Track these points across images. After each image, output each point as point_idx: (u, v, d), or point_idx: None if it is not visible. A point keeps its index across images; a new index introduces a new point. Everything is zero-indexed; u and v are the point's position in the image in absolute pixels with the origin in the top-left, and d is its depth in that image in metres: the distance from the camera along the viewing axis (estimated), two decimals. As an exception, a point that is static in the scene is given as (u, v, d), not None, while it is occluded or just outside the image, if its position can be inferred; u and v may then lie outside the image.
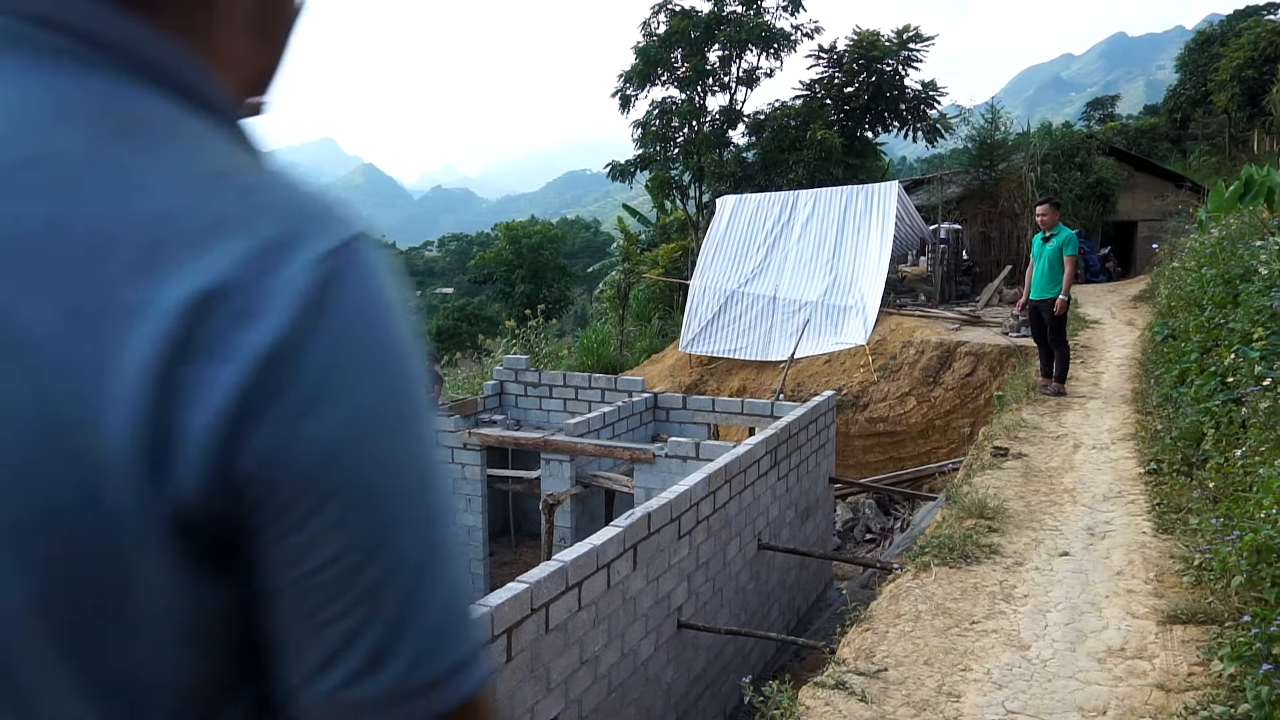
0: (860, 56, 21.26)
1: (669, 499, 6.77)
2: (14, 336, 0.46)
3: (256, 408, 0.47)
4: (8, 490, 0.46)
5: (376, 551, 0.51)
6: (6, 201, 0.48)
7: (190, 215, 0.49)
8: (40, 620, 0.47)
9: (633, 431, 11.42)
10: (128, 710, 0.50)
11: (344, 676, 0.50)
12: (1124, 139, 30.39)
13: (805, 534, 10.20)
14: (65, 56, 0.52)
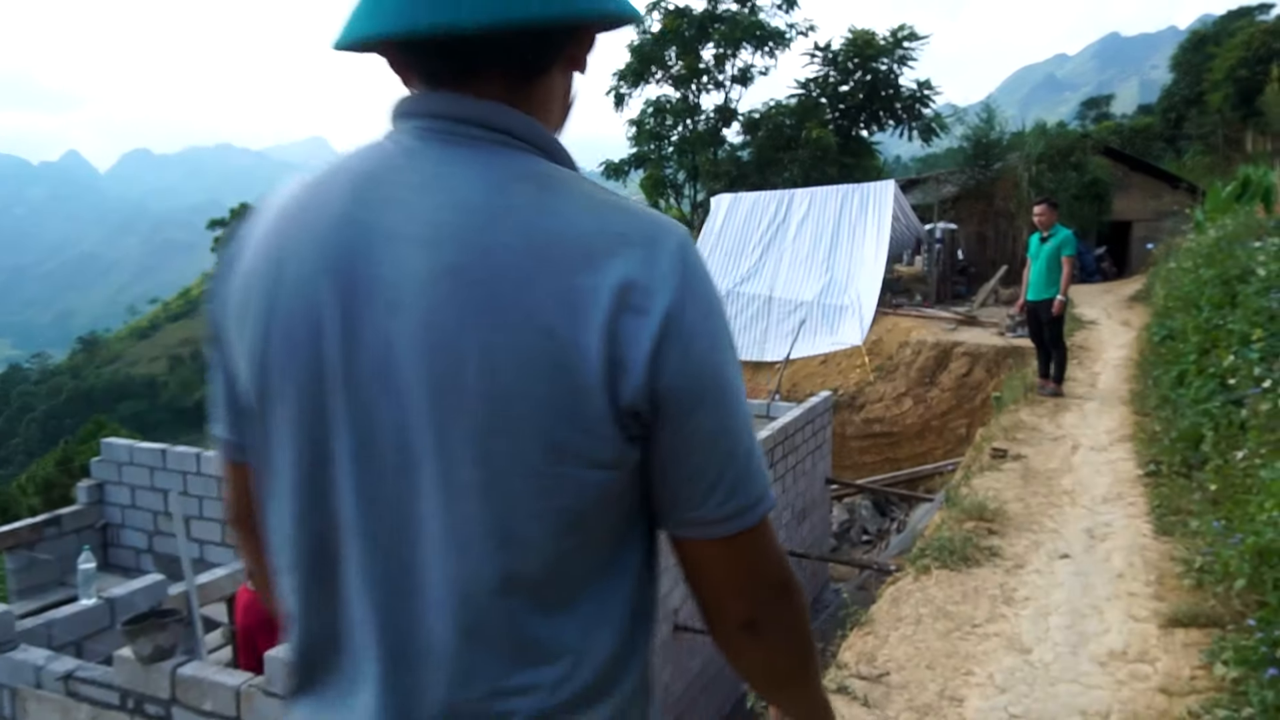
0: (855, 55, 21.28)
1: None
2: (536, 305, 0.80)
3: (663, 346, 0.81)
4: (540, 402, 0.81)
5: (726, 427, 0.87)
6: (500, 234, 0.82)
7: (599, 233, 0.83)
8: (544, 464, 0.82)
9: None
10: (582, 522, 0.86)
11: (716, 505, 0.88)
12: (1119, 139, 30.47)
13: (802, 535, 10.19)
14: (499, 144, 0.88)
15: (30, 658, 4.50)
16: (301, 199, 0.92)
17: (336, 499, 0.90)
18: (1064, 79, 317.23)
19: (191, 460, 7.35)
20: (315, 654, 0.96)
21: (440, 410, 0.84)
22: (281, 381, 0.90)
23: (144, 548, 7.68)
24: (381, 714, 0.90)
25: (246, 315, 0.92)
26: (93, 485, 7.80)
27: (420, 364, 0.85)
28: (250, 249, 0.93)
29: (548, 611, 0.89)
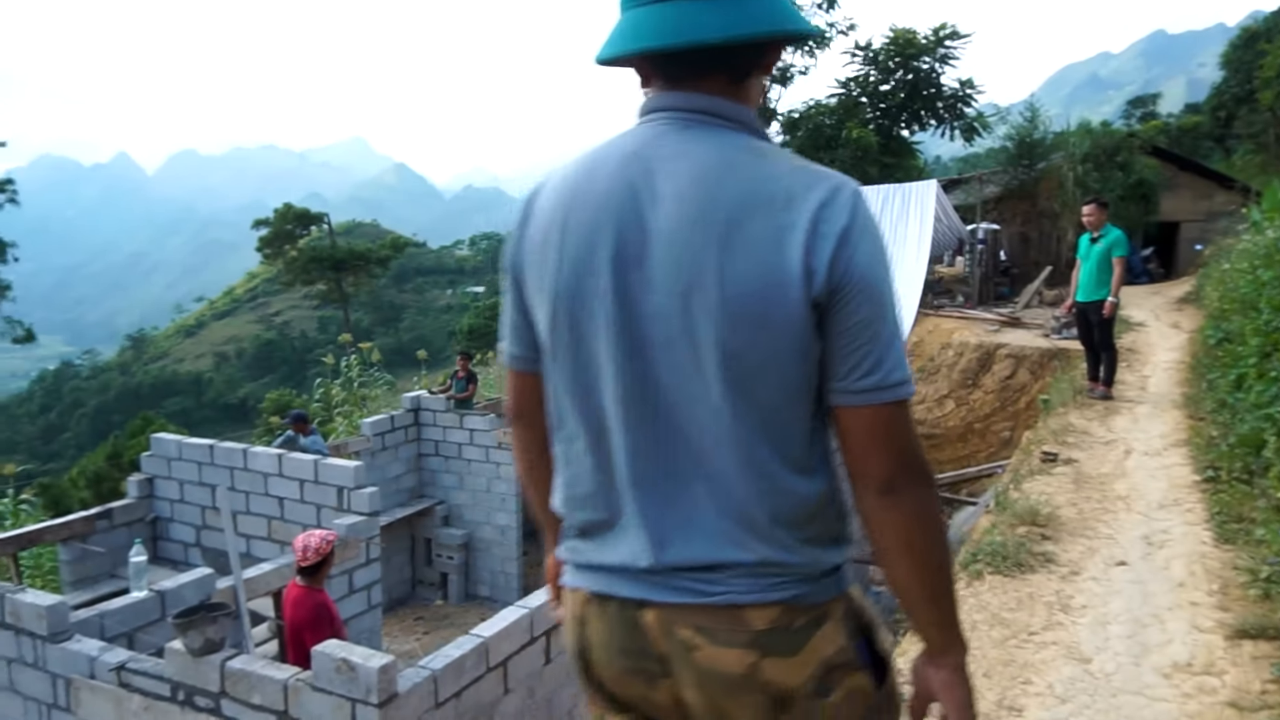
0: (897, 54, 21.04)
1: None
2: (758, 232, 1.17)
3: (838, 254, 1.16)
4: (760, 301, 1.17)
5: (879, 315, 1.19)
6: (728, 187, 1.20)
7: (796, 183, 1.19)
8: (768, 352, 1.18)
9: (667, 432, 11.38)
10: (793, 393, 1.22)
11: (863, 376, 1.19)
12: (1166, 138, 29.84)
13: (841, 537, 10.10)
14: (722, 126, 1.25)
15: (84, 648, 4.57)
16: (582, 170, 1.33)
17: (613, 388, 1.27)
18: (1108, 78, 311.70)
19: (239, 456, 7.45)
20: (589, 501, 1.34)
21: (691, 312, 1.21)
22: (568, 302, 1.29)
23: (192, 541, 7.80)
24: (646, 552, 1.27)
25: (546, 256, 1.32)
26: (143, 479, 7.94)
27: (675, 280, 1.22)
28: (541, 210, 1.35)
29: (779, 457, 1.24)
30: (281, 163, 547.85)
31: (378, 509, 6.96)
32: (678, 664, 1.28)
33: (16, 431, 77.99)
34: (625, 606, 1.31)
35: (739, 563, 1.24)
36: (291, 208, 48.38)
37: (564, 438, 1.36)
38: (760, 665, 1.24)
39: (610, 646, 1.33)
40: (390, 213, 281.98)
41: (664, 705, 1.33)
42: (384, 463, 10.48)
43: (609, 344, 1.27)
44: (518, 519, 10.59)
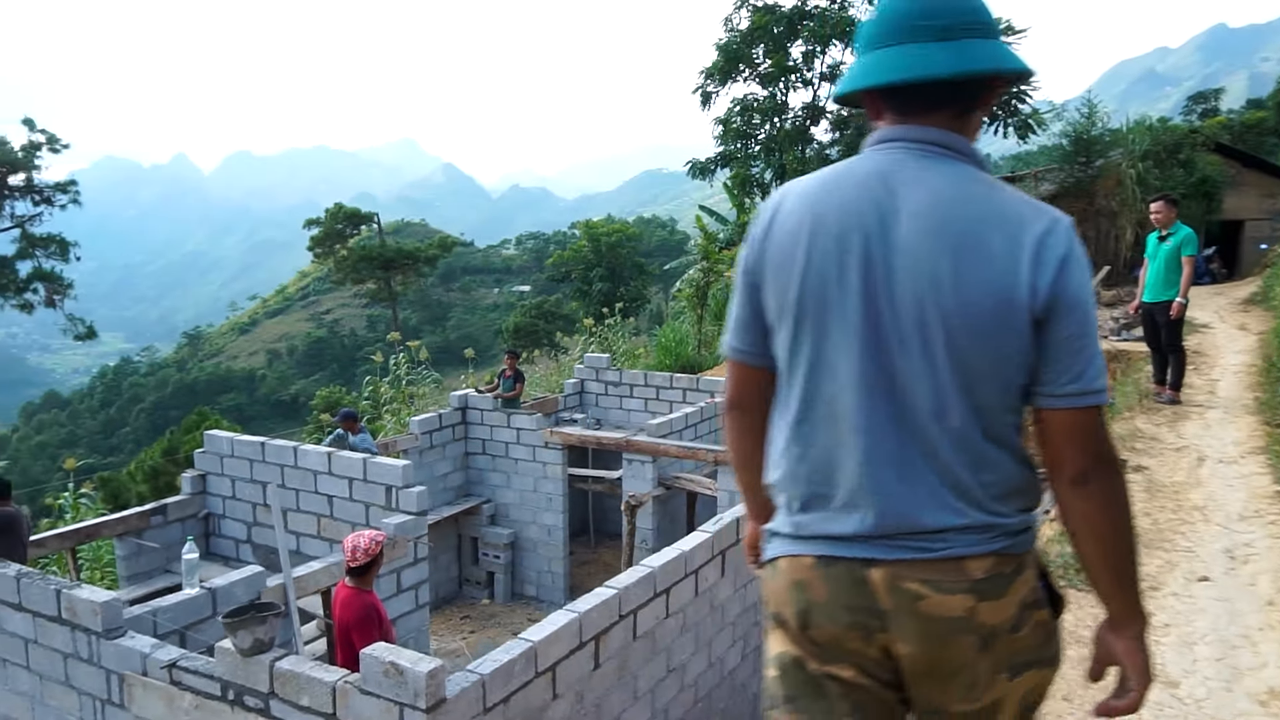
0: (949, 50, 20.66)
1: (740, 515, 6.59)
2: (990, 252, 1.42)
3: (1059, 277, 1.42)
4: (990, 308, 1.42)
5: (1086, 331, 1.44)
6: (963, 210, 1.46)
7: (1023, 212, 1.45)
8: (990, 356, 1.44)
9: (715, 433, 11.23)
10: (1008, 388, 1.47)
11: (1069, 382, 1.44)
12: (1229, 134, 28.92)
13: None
14: (951, 157, 1.49)
15: (137, 645, 4.59)
16: (824, 188, 1.56)
17: (847, 376, 1.50)
18: (1165, 73, 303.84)
19: (289, 454, 7.49)
20: (820, 476, 1.55)
21: (925, 315, 1.45)
22: (813, 302, 1.52)
23: (243, 538, 7.86)
24: (876, 520, 1.50)
25: (793, 260, 1.54)
26: (196, 476, 8.02)
27: (913, 286, 1.45)
28: (785, 220, 1.57)
29: (993, 440, 1.48)
30: (333, 163, 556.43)
31: (426, 508, 6.94)
32: (900, 616, 1.51)
33: (79, 426, 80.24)
34: (853, 567, 1.53)
35: (958, 527, 1.49)
36: (342, 207, 49.04)
37: (795, 420, 1.58)
38: (977, 608, 1.49)
39: (835, 605, 1.54)
40: (438, 212, 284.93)
41: (874, 658, 1.56)
42: (431, 461, 10.51)
43: (852, 338, 1.50)
44: (564, 519, 10.54)
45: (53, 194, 27.18)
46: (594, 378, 12.76)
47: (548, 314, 49.49)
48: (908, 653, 1.52)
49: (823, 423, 1.54)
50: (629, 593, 5.04)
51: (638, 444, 9.71)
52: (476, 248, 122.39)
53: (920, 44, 1.48)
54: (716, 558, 5.99)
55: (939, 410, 1.47)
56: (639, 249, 46.63)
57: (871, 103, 1.59)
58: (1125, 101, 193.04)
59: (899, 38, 1.51)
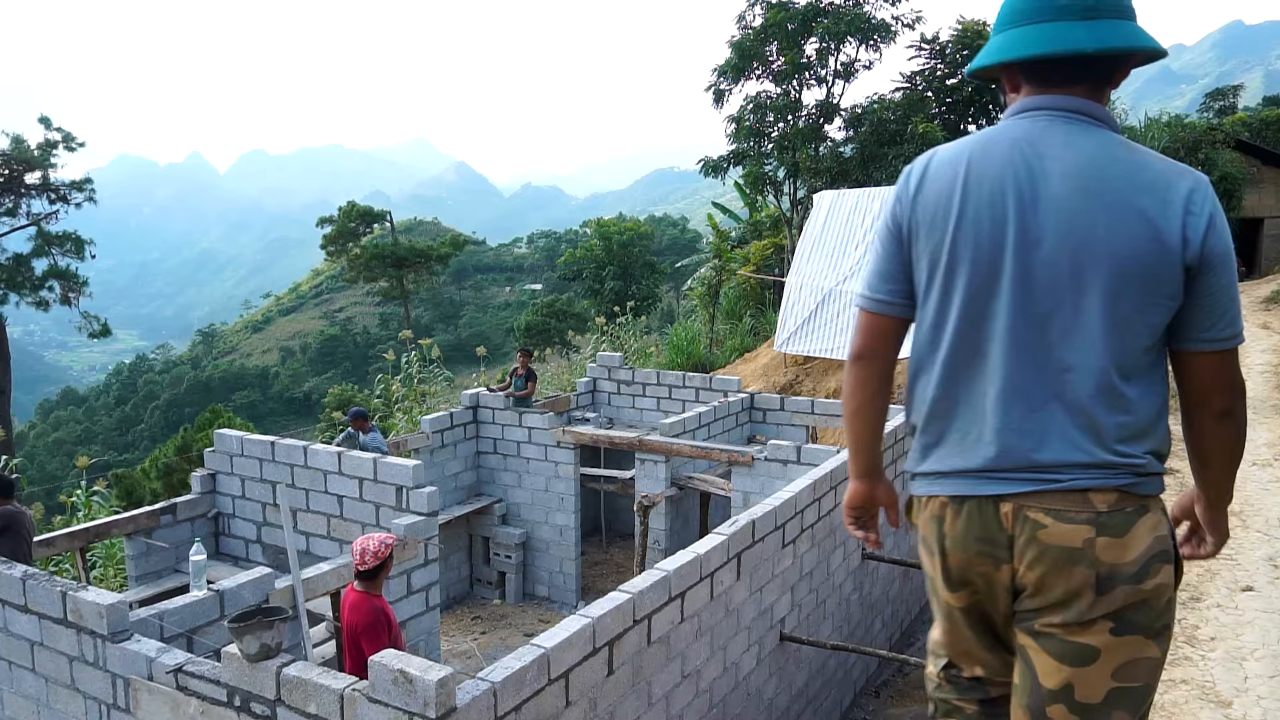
0: (964, 47, 20.45)
1: (774, 505, 6.46)
2: (1140, 208, 1.60)
3: (1208, 233, 1.61)
4: (1143, 259, 1.60)
5: (1230, 283, 1.65)
6: (1111, 169, 1.63)
7: (1169, 171, 1.64)
8: (1143, 300, 1.62)
9: (728, 433, 11.11)
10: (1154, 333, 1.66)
11: (1224, 328, 1.66)
12: (1248, 131, 28.59)
13: (912, 543, 9.74)
14: (1093, 124, 1.68)
15: (143, 649, 4.51)
16: (975, 150, 1.69)
17: (996, 320, 1.63)
18: (1180, 71, 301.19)
19: (299, 453, 7.41)
20: (958, 416, 1.70)
21: (1077, 265, 1.57)
22: (968, 251, 1.65)
23: (253, 538, 7.79)
24: (1008, 455, 1.64)
25: (946, 216, 1.69)
26: (206, 475, 7.96)
27: (1068, 240, 1.58)
28: (935, 181, 1.72)
29: (1130, 383, 1.60)
30: (347, 162, 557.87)
31: (436, 508, 6.85)
32: (1023, 543, 1.67)
33: (95, 423, 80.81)
34: (984, 502, 1.71)
35: (1082, 464, 1.64)
36: (355, 205, 49.14)
37: (944, 362, 1.75)
38: (1095, 541, 1.61)
39: (967, 536, 1.73)
40: (451, 211, 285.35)
41: (1000, 583, 1.72)
42: (443, 460, 10.42)
43: (1005, 287, 1.66)
44: (575, 519, 10.44)
45: (69, 192, 27.25)
46: (606, 376, 12.65)
47: (559, 313, 49.51)
48: (1030, 579, 1.68)
49: (969, 366, 1.72)
50: (643, 597, 4.93)
51: (650, 443, 9.59)
52: (489, 246, 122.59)
53: (1066, 22, 1.65)
54: (732, 561, 5.87)
55: (1084, 354, 1.63)
56: (650, 248, 46.53)
57: (1010, 76, 1.79)
58: (1140, 99, 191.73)
59: (1044, 15, 1.68)
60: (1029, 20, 1.69)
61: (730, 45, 22.80)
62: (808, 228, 17.42)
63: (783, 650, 6.75)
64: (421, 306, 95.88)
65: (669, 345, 22.73)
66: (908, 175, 1.79)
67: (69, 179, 27.62)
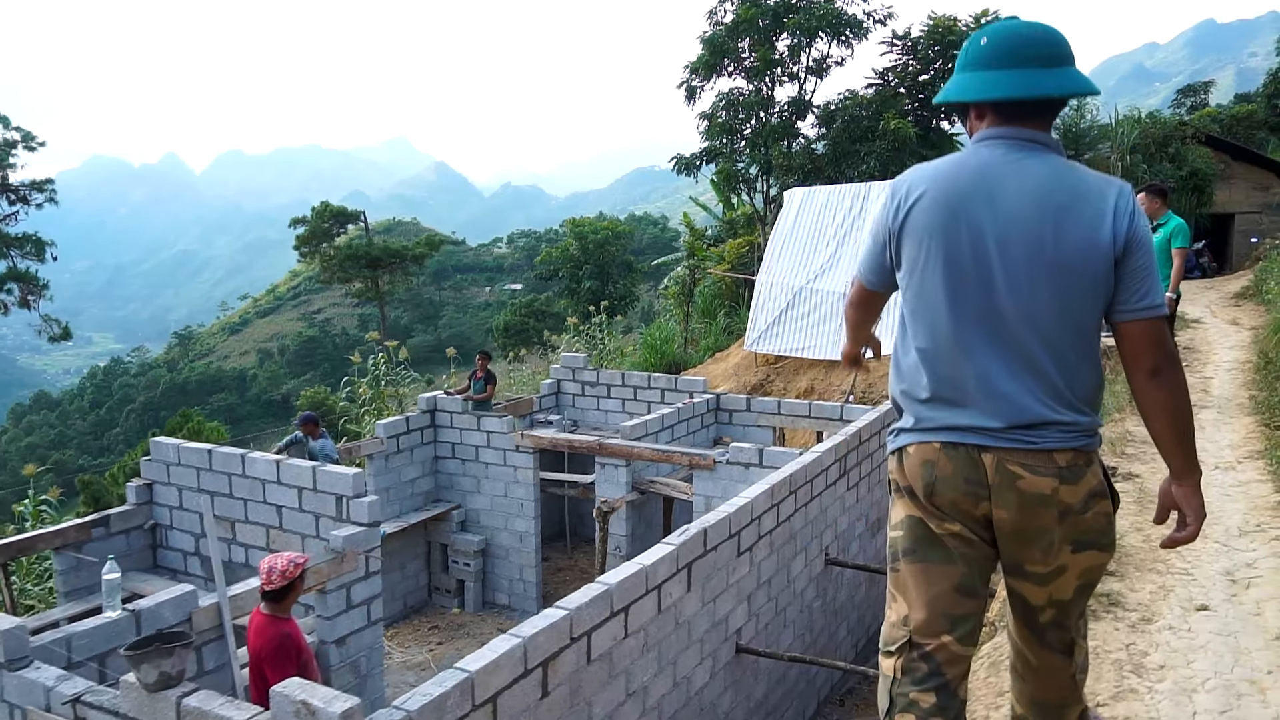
0: (936, 43, 20.28)
1: (728, 512, 6.22)
2: (1082, 215, 2.02)
3: (1129, 226, 2.02)
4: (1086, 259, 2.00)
5: (1150, 261, 2.05)
6: (1057, 185, 2.04)
7: (1101, 184, 2.06)
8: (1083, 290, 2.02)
9: (693, 434, 10.87)
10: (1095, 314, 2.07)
11: (1141, 299, 2.04)
12: (1219, 127, 28.64)
13: (877, 546, 9.54)
14: (1042, 149, 2.08)
15: (41, 677, 4.21)
16: (949, 170, 2.12)
17: (970, 310, 2.04)
18: (1154, 69, 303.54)
19: (236, 462, 7.10)
20: (946, 384, 2.09)
21: (1033, 265, 1.99)
22: (941, 249, 2.06)
23: (191, 550, 7.47)
24: (992, 416, 2.05)
25: (928, 224, 2.08)
26: (142, 485, 7.63)
27: (1023, 243, 2.00)
28: (916, 194, 2.12)
29: (1079, 360, 2.03)
30: (325, 162, 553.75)
31: (378, 519, 6.55)
32: (1002, 489, 2.05)
33: (69, 427, 79.67)
34: (970, 451, 2.07)
35: (1054, 422, 2.02)
36: (329, 205, 48.50)
37: (924, 344, 2.13)
38: (1059, 489, 2.02)
39: (955, 478, 2.08)
40: (430, 211, 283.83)
41: (978, 518, 2.10)
42: (399, 465, 10.12)
43: (972, 282, 2.04)
44: (535, 525, 10.16)
45: (29, 193, 26.67)
46: (571, 378, 12.39)
47: (538, 312, 49.15)
48: (1004, 517, 2.08)
49: (952, 340, 2.08)
50: (582, 613, 4.67)
51: (610, 447, 9.34)
52: (469, 246, 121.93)
53: (1031, 69, 2.04)
54: (682, 571, 5.63)
55: (1042, 334, 2.01)
56: (628, 247, 46.24)
57: (979, 109, 2.16)
58: (1114, 97, 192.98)
59: (1013, 63, 2.06)
60: (1001, 65, 2.07)
61: (702, 41, 22.55)
62: (778, 225, 17.21)
63: (739, 662, 6.51)
64: (401, 307, 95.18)
65: (643, 345, 22.49)
66: (894, 191, 2.19)
67: (30, 179, 27.04)
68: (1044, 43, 2.06)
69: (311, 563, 6.09)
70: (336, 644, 6.26)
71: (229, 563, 7.21)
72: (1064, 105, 2.20)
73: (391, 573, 10.08)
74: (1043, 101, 2.07)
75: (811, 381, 15.22)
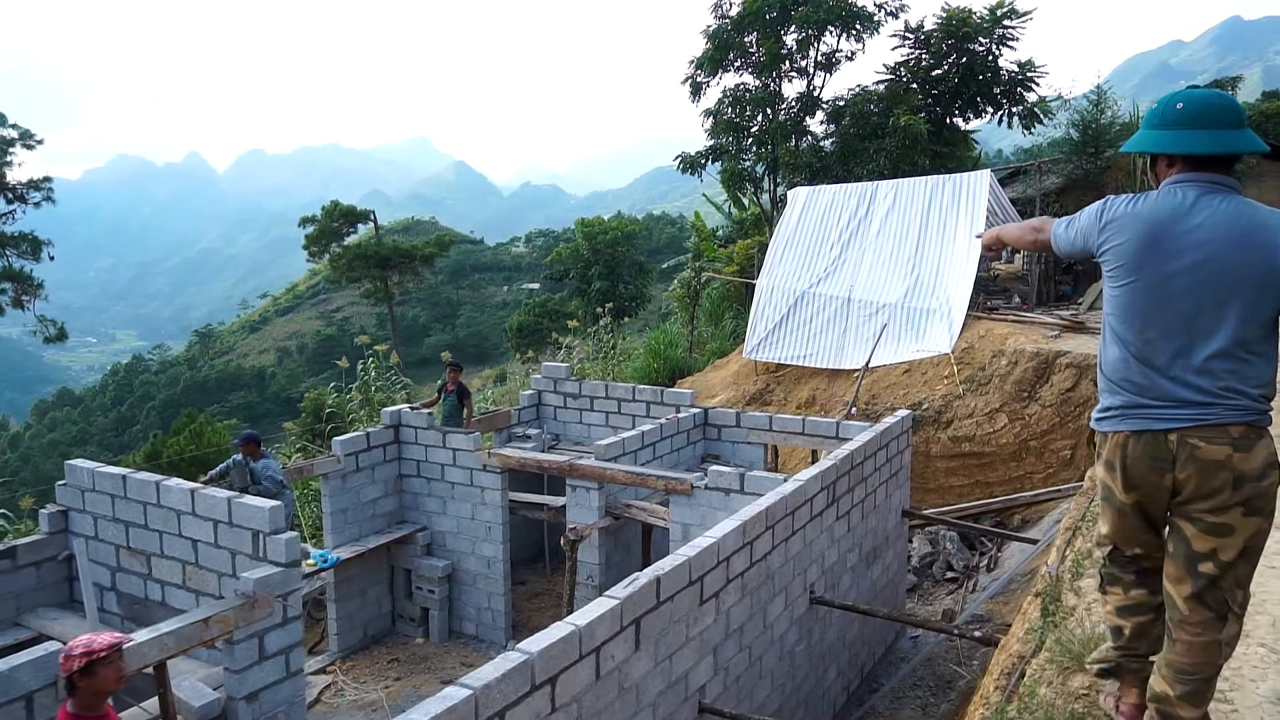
0: (949, 36, 19.44)
1: (688, 556, 5.49)
2: (1259, 244, 2.52)
3: None
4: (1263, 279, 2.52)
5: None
6: (1242, 220, 2.56)
7: (1272, 217, 2.55)
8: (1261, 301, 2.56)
9: (678, 452, 10.15)
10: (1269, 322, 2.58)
11: None
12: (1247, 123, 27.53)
13: (872, 579, 8.78)
14: (1229, 192, 2.62)
15: None
16: (1147, 204, 2.64)
17: (1162, 318, 2.57)
18: (1179, 67, 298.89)
19: (152, 490, 6.44)
20: (1142, 373, 2.60)
21: (1217, 283, 2.50)
22: (1144, 270, 2.60)
23: (108, 585, 6.81)
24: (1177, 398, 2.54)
25: (1127, 245, 2.63)
26: (56, 512, 6.98)
27: (1207, 267, 2.51)
28: (1116, 220, 2.68)
29: (1251, 353, 2.52)
30: (346, 161, 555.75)
31: (297, 558, 5.87)
32: (1183, 459, 2.52)
33: (90, 423, 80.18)
34: (1157, 434, 2.57)
35: (1226, 405, 2.50)
36: (338, 205, 48.01)
37: (1130, 341, 2.65)
38: (1232, 456, 2.48)
39: (1144, 455, 2.59)
40: (450, 210, 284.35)
41: (1164, 487, 2.59)
42: (358, 485, 9.44)
43: (1166, 295, 2.57)
44: (504, 550, 9.46)
45: (26, 191, 26.30)
46: (552, 389, 11.69)
47: (552, 312, 48.57)
48: (1185, 478, 2.52)
49: (1145, 347, 2.60)
50: (491, 693, 3.96)
51: (581, 468, 8.63)
52: (486, 245, 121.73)
53: (1222, 130, 2.56)
54: (628, 629, 4.91)
55: (1221, 337, 2.50)
56: (641, 247, 45.55)
57: (1171, 159, 2.67)
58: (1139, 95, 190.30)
59: (1206, 125, 2.57)
60: (1197, 126, 2.58)
61: (706, 36, 21.81)
62: (780, 226, 16.44)
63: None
64: (419, 306, 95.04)
65: (646, 350, 21.79)
66: (1100, 212, 2.73)
67: (29, 178, 26.67)
68: (1229, 110, 2.58)
69: (222, 607, 5.43)
70: (247, 700, 5.59)
71: (144, 601, 6.56)
72: (1241, 159, 2.71)
73: (350, 599, 9.42)
74: (1232, 155, 2.58)
75: (813, 392, 14.45)
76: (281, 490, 8.04)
